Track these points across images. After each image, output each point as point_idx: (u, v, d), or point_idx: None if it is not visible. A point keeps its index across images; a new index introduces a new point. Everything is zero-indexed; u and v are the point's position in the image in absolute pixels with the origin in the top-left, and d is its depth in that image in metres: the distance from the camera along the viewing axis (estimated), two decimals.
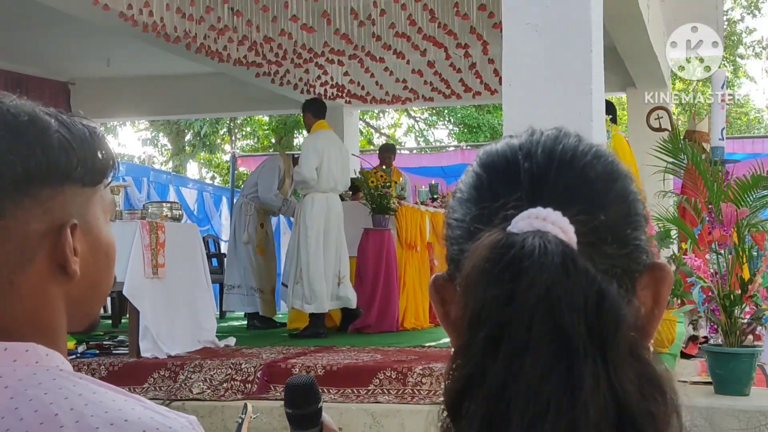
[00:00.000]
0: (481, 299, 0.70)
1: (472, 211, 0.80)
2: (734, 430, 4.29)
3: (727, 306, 4.60)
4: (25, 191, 1.00)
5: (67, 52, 10.86)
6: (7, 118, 1.01)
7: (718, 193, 4.74)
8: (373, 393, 5.15)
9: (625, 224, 0.78)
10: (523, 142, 0.81)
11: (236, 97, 12.09)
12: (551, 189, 0.77)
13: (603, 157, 0.80)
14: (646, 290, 0.79)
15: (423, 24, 8.44)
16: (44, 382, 0.98)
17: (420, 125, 24.30)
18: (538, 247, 0.69)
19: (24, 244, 1.00)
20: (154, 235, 5.97)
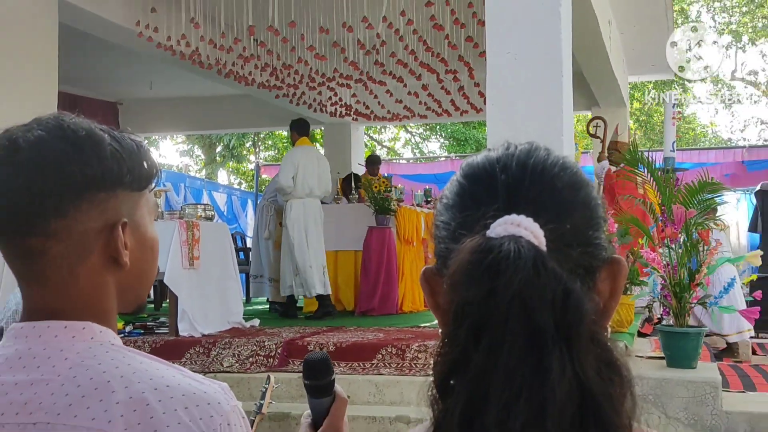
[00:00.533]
0: (464, 296, 0.70)
1: (457, 216, 0.79)
2: (683, 398, 4.29)
3: (677, 292, 4.60)
4: (84, 195, 1.00)
5: (115, 77, 10.85)
6: (68, 133, 1.02)
7: (669, 196, 4.74)
8: (376, 366, 5.15)
9: (588, 227, 0.78)
10: (500, 156, 0.81)
11: (260, 114, 12.08)
12: (525, 198, 0.76)
13: (569, 169, 0.80)
14: (605, 282, 0.79)
15: (419, 53, 8.44)
16: (98, 354, 0.98)
17: (416, 139, 24.29)
18: (513, 251, 0.69)
19: (83, 239, 1.01)
20: (190, 232, 5.98)
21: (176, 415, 0.94)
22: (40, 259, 1.00)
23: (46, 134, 1.01)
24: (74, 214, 1.00)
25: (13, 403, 0.96)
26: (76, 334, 1.00)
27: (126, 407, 0.94)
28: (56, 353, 0.98)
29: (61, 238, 1.00)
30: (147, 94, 11.71)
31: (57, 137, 1.01)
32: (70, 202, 1.00)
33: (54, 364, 0.97)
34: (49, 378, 0.97)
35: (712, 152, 14.21)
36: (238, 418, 1.00)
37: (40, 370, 0.97)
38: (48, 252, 0.99)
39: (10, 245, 1.00)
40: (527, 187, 0.77)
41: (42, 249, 0.99)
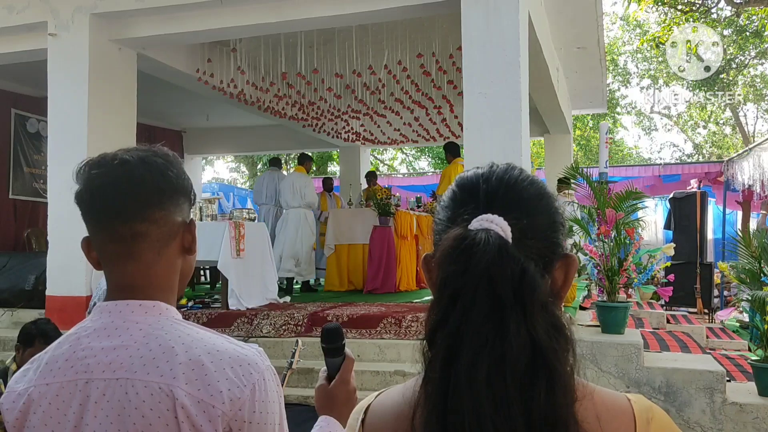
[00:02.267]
0: (446, 272, 0.71)
1: (448, 214, 0.81)
2: (614, 357, 4.28)
3: (609, 276, 4.59)
4: (175, 195, 1.03)
5: (180, 111, 10.85)
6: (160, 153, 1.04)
7: (603, 202, 4.72)
8: (379, 332, 5.14)
9: (547, 228, 0.79)
10: (485, 172, 0.82)
11: (290, 139, 12.05)
12: (499, 202, 0.78)
13: (535, 183, 0.82)
14: (560, 271, 0.80)
15: (411, 92, 8.43)
16: (165, 326, 0.99)
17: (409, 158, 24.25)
18: (483, 239, 0.71)
19: (172, 228, 1.03)
20: (237, 230, 5.96)
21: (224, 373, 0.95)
22: (142, 240, 1.00)
23: (144, 153, 1.03)
24: (169, 208, 1.02)
25: (100, 363, 0.96)
26: (148, 311, 1.00)
27: (186, 367, 0.94)
28: (133, 325, 0.99)
29: (160, 225, 1.01)
30: (204, 124, 11.72)
31: (155, 155, 1.04)
32: (168, 198, 1.02)
33: (131, 333, 0.98)
34: (127, 344, 0.97)
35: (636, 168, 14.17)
36: (271, 374, 1.00)
37: (120, 338, 0.98)
38: (150, 235, 1.01)
39: (121, 229, 1.00)
40: (501, 195, 0.79)
41: (146, 232, 1.00)
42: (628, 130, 24.90)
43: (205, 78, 7.31)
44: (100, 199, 1.00)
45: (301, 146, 13.04)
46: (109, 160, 1.01)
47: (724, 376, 4.07)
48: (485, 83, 4.75)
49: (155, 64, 6.76)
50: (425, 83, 8.23)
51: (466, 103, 4.81)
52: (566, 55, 8.15)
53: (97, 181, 1.00)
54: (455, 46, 6.62)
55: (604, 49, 8.23)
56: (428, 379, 0.71)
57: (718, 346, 7.07)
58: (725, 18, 14.12)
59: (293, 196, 7.75)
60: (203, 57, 7.36)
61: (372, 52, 7.40)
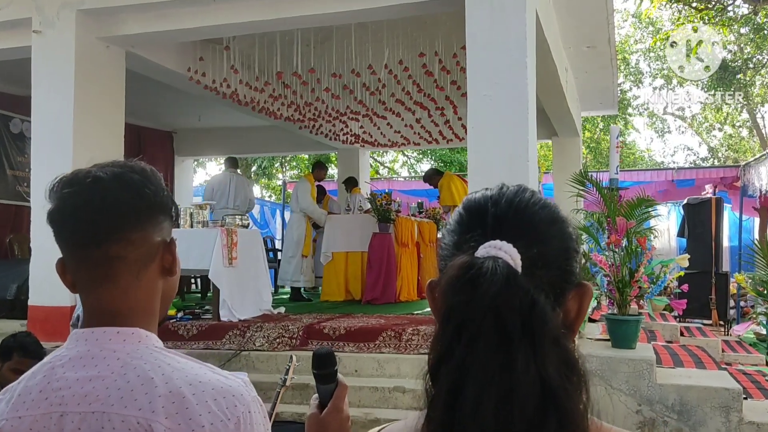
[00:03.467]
0: (450, 302, 0.70)
1: (454, 239, 0.80)
2: (625, 373, 4.26)
3: (620, 287, 4.57)
4: (154, 214, 1.02)
5: (171, 111, 10.86)
6: (137, 169, 1.03)
7: (614, 210, 4.71)
8: (378, 346, 5.12)
9: (560, 255, 0.78)
10: (494, 194, 0.81)
11: (286, 141, 12.04)
12: (508, 228, 0.76)
13: (548, 207, 0.80)
14: (573, 301, 0.79)
15: (413, 93, 8.43)
16: (144, 355, 0.98)
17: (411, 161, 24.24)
18: (490, 269, 0.70)
19: (150, 249, 1.02)
20: (230, 237, 5.95)
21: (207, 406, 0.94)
22: (118, 263, 1.00)
23: (121, 169, 1.02)
24: (146, 227, 1.01)
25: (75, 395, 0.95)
26: (127, 338, 0.99)
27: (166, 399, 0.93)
28: (110, 354, 0.97)
29: (137, 246, 1.01)
30: (196, 125, 11.72)
31: (131, 171, 1.03)
32: (146, 217, 1.01)
33: (108, 363, 0.97)
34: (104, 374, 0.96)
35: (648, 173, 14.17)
36: (257, 406, 0.99)
37: (97, 368, 0.96)
38: (127, 257, 1.00)
39: (96, 253, 0.99)
40: (511, 219, 0.77)
41: (122, 254, 1.00)
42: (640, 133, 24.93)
43: (196, 77, 7.31)
44: (72, 221, 0.99)
45: (297, 148, 13.06)
46: (82, 178, 1.00)
47: (740, 394, 4.05)
48: (490, 84, 4.74)
49: (145, 62, 6.75)
50: (427, 84, 8.23)
51: (470, 105, 4.81)
52: (575, 54, 8.16)
53: (69, 200, 0.99)
54: (459, 45, 6.63)
55: (615, 47, 8.24)
56: (431, 418, 0.70)
57: (734, 361, 7.04)
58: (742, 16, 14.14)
59: (293, 200, 8.01)
60: (195, 55, 7.37)
61: (372, 51, 7.41)
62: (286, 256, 8.33)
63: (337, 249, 8.14)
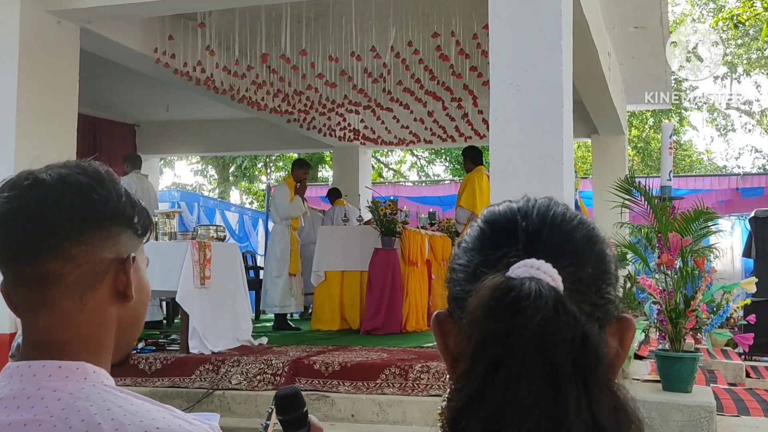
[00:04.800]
0: (484, 331, 0.70)
1: (476, 258, 0.79)
2: (679, 422, 4.24)
3: (673, 318, 4.56)
4: (103, 225, 1.02)
5: (133, 100, 10.91)
6: (89, 170, 1.04)
7: (666, 224, 4.71)
8: (380, 386, 5.11)
9: (601, 280, 0.78)
10: (521, 206, 0.81)
11: (271, 138, 12.10)
12: (544, 245, 0.77)
13: (586, 224, 0.81)
14: (614, 336, 0.79)
15: (424, 81, 8.46)
16: (91, 395, 0.97)
17: (421, 162, 24.31)
18: (534, 291, 0.69)
19: (97, 267, 1.02)
20: (202, 252, 5.96)
21: None
22: (55, 283, 1.00)
23: (68, 170, 1.03)
24: (92, 241, 1.01)
25: None
26: (70, 375, 0.99)
27: None
28: (50, 393, 0.97)
29: (79, 263, 1.00)
30: (163, 117, 11.77)
31: (81, 173, 1.03)
32: (91, 229, 1.01)
33: (47, 405, 0.96)
34: (41, 419, 0.95)
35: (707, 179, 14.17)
36: None
37: (33, 410, 0.96)
38: (66, 276, 1.00)
39: (28, 270, 1.00)
40: (546, 235, 0.78)
41: (60, 273, 0.99)
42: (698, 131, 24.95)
43: (164, 60, 7.36)
44: (5, 231, 0.99)
45: (284, 145, 13.11)
46: (22, 181, 1.01)
47: None
48: (517, 72, 4.75)
49: (103, 41, 6.80)
50: (442, 70, 8.26)
51: (492, 96, 4.81)
52: (621, 36, 8.18)
53: (5, 207, 1.00)
54: (480, 24, 6.65)
55: (668, 28, 8.26)
56: None
57: None
58: None
59: (273, 209, 8.00)
60: (163, 33, 7.41)
61: (375, 30, 7.44)
62: (270, 276, 8.37)
63: (330, 267, 8.14)
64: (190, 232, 6.25)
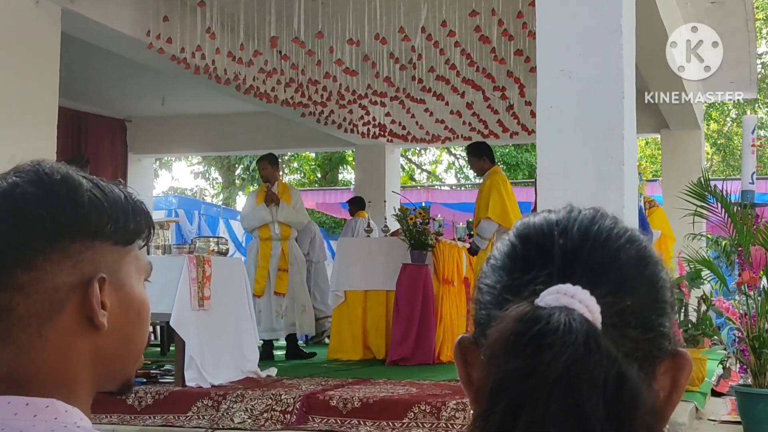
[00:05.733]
0: (503, 370, 0.70)
1: (504, 279, 0.80)
2: None
3: (756, 347, 4.50)
4: (56, 245, 1.00)
5: (124, 91, 11.03)
6: (42, 177, 1.03)
7: (747, 236, 4.65)
8: (407, 426, 5.09)
9: (651, 310, 0.78)
10: (561, 218, 0.81)
11: (283, 134, 12.18)
12: (582, 267, 0.77)
13: (636, 242, 0.81)
14: (666, 375, 0.79)
15: (462, 68, 8.45)
16: None
17: (460, 162, 24.28)
18: (563, 324, 0.69)
19: (53, 295, 1.00)
20: (201, 269, 6.00)
21: None
22: (6, 317, 0.99)
23: (19, 180, 1.02)
24: (44, 266, 1.00)
25: None
26: (39, 413, 0.99)
27: None
28: None
29: (29, 292, 0.99)
30: (158, 111, 11.89)
31: (30, 182, 1.02)
32: (39, 251, 1.00)
33: None
34: None
35: None
36: None
37: None
38: (15, 309, 0.99)
39: None
40: (587, 255, 0.78)
41: (8, 305, 0.99)
42: None
43: (158, 44, 7.43)
44: None
45: (299, 143, 13.18)
46: None
47: None
48: (569, 55, 4.73)
49: (87, 24, 6.89)
50: (483, 54, 8.25)
51: (540, 86, 4.81)
52: (695, 13, 8.11)
53: None
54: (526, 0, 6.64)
55: (752, 3, 8.17)
56: None
57: None
58: None
59: None
60: (157, 14, 7.49)
61: (404, 8, 7.45)
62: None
63: (351, 286, 8.16)
64: (186, 245, 6.28)
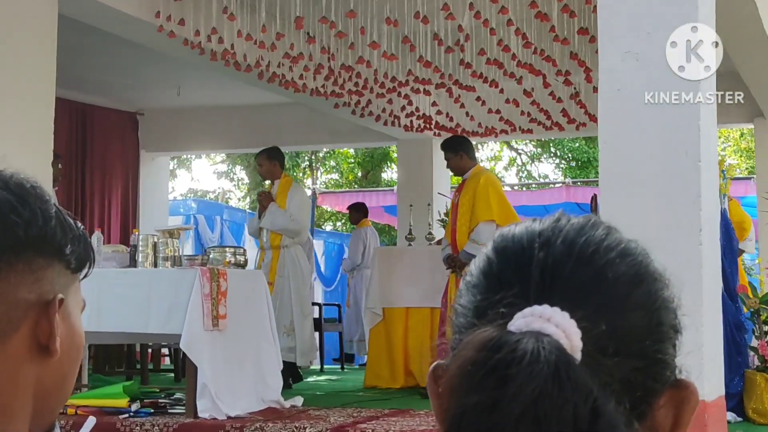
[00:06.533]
0: (461, 404, 0.71)
1: (476, 299, 0.81)
2: None
3: None
4: (22, 255, 1.02)
5: (134, 81, 11.16)
6: (11, 184, 1.05)
7: None
8: None
9: (645, 334, 0.78)
10: (545, 229, 0.82)
11: (316, 128, 12.22)
12: (563, 285, 0.77)
13: (630, 256, 0.81)
14: (666, 410, 0.79)
15: (516, 49, 8.39)
16: None
17: (523, 158, 24.16)
18: (530, 353, 0.70)
19: (11, 310, 1.02)
20: (215, 283, 6.00)
21: None
22: None
23: None
24: (7, 276, 1.01)
25: None
26: None
27: None
28: None
29: None
30: (174, 103, 12.01)
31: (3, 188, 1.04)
32: (5, 261, 1.01)
33: None
34: None
35: None
36: None
37: None
38: None
39: None
40: (569, 272, 0.78)
41: None
42: None
43: (169, 27, 7.48)
44: None
45: (333, 138, 13.22)
46: None
47: None
48: (638, 35, 4.70)
49: (88, 5, 6.96)
50: (541, 34, 8.19)
51: (602, 70, 4.80)
52: None
53: None
54: None
55: None
56: None
57: None
58: None
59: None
60: None
61: None
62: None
63: (390, 303, 8.15)
64: (198, 256, 6.31)
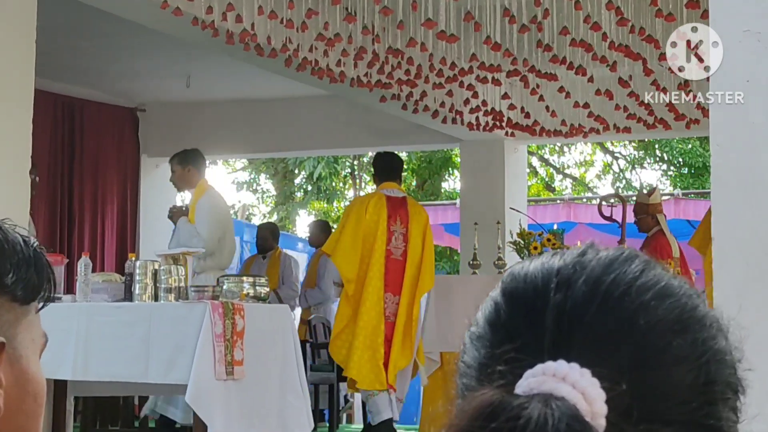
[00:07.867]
0: None
1: (480, 354, 0.83)
2: None
3: None
4: None
5: (133, 70, 11.27)
6: None
7: None
8: None
9: (691, 395, 0.79)
10: (564, 265, 0.83)
11: (357, 127, 12.27)
12: (583, 336, 0.78)
13: (671, 298, 0.81)
14: None
15: (608, 29, 8.35)
16: None
17: (620, 163, 24.02)
18: (534, 421, 0.71)
19: None
20: (229, 320, 6.02)
21: None
22: None
23: None
24: None
25: None
26: None
27: None
28: None
29: None
30: (182, 96, 12.12)
31: None
32: None
33: None
34: None
35: None
36: None
37: None
38: None
39: None
40: (592, 318, 0.79)
41: None
42: None
43: (176, 2, 7.51)
44: None
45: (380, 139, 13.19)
46: None
47: None
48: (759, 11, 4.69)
49: None
50: (639, 8, 8.17)
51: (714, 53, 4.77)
52: None
53: None
54: None
55: None
56: None
57: None
58: None
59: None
60: None
61: None
62: None
63: (451, 346, 8.14)
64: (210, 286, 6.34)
